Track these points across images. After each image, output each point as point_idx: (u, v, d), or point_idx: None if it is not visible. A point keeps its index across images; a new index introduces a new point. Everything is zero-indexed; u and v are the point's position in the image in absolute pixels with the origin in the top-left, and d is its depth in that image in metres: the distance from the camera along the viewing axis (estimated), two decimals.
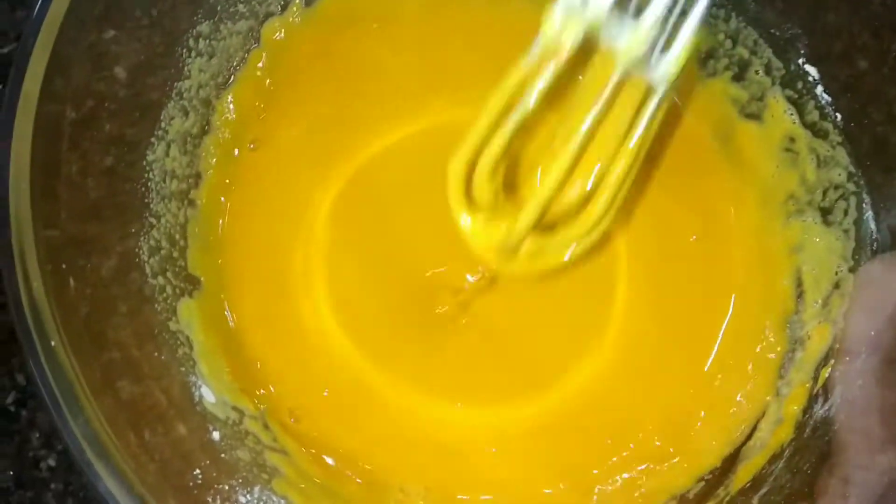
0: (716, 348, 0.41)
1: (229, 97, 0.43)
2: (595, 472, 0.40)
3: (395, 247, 0.43)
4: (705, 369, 0.41)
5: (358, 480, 0.40)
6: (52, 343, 0.32)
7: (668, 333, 0.42)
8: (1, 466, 0.42)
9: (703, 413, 0.41)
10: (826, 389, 0.36)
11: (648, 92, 0.36)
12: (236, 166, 0.43)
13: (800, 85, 0.40)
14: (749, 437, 0.39)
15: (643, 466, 0.40)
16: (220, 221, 0.43)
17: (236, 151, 0.43)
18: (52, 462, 0.43)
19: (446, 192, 0.38)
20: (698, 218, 0.43)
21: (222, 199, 0.43)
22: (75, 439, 0.31)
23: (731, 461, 0.38)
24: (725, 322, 0.42)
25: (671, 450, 0.40)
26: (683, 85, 0.44)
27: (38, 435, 0.43)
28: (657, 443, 0.41)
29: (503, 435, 0.41)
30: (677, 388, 0.41)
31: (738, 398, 0.40)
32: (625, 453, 0.41)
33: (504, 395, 0.42)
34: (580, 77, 0.37)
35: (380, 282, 0.42)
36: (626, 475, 0.40)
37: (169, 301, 0.39)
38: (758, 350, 0.41)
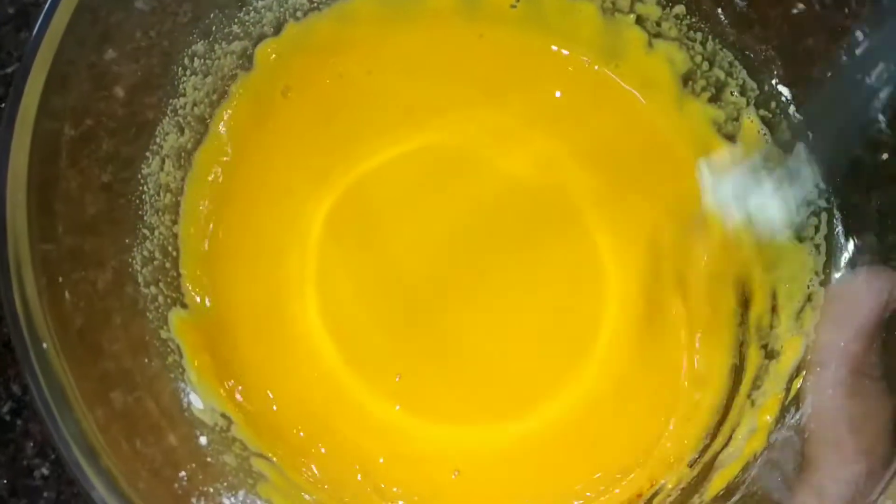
0: (696, 362, 0.42)
1: (223, 114, 0.43)
2: (578, 486, 0.41)
3: (386, 261, 0.43)
4: (685, 384, 0.42)
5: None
6: (47, 355, 0.32)
7: (653, 349, 0.42)
8: None
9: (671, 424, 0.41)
10: (798, 400, 0.37)
11: None
12: (230, 180, 0.44)
13: (773, 105, 0.41)
14: (725, 445, 0.39)
15: (618, 476, 0.41)
16: (214, 233, 0.43)
17: (228, 166, 0.44)
18: (45, 471, 0.43)
19: None
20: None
21: (215, 211, 0.43)
22: (69, 447, 0.31)
23: (706, 470, 0.39)
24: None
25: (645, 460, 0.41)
26: (665, 105, 0.45)
27: (32, 444, 0.43)
28: (634, 455, 0.41)
29: (487, 452, 0.41)
30: (656, 403, 0.42)
31: (715, 410, 0.41)
32: (606, 466, 0.41)
33: (490, 413, 0.42)
34: None
35: (370, 295, 0.43)
36: (602, 487, 0.41)
37: (161, 310, 0.39)
38: (734, 363, 0.41)
